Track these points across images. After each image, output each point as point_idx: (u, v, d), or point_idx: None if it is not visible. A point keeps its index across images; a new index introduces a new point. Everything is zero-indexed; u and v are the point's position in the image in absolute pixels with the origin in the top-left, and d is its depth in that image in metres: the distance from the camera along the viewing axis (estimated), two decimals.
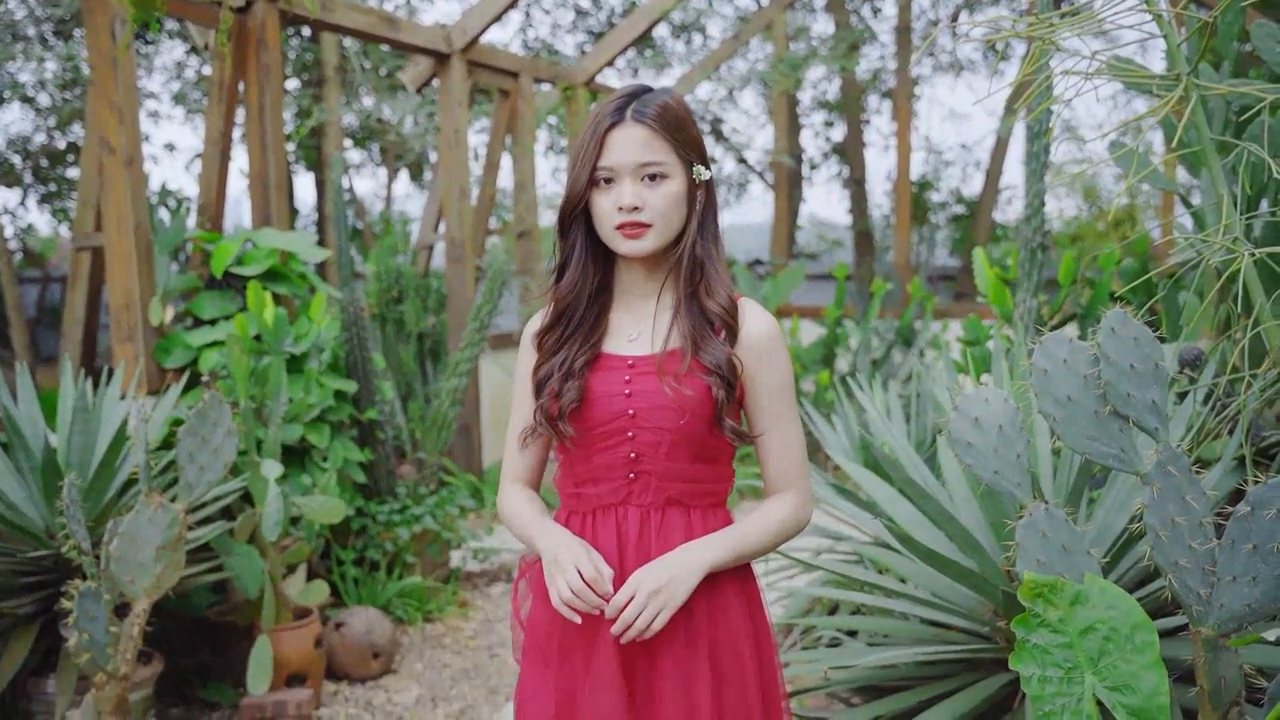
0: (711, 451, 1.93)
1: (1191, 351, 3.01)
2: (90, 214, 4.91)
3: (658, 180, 1.87)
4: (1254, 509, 1.87)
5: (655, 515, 1.92)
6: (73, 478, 2.91)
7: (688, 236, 1.92)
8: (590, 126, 1.88)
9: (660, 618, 1.79)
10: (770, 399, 1.94)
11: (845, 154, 13.73)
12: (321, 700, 4.17)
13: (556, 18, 17.92)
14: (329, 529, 4.87)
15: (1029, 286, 3.70)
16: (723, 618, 1.92)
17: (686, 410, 1.86)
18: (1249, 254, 2.13)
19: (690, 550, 1.86)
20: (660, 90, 1.92)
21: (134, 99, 4.50)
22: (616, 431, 1.91)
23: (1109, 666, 1.81)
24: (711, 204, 1.97)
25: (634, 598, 1.79)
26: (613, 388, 1.92)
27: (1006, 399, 2.08)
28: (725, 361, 1.87)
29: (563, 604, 1.81)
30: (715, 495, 1.98)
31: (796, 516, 1.98)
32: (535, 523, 1.97)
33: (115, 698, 3.03)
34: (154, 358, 4.51)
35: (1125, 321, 1.95)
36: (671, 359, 1.89)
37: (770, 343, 1.92)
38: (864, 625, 3.15)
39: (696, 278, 1.92)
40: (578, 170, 1.88)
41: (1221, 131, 3.32)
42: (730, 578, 1.94)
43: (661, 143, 1.86)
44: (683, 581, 1.82)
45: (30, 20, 11.72)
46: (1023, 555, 2.04)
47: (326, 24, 5.81)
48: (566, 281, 1.96)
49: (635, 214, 1.85)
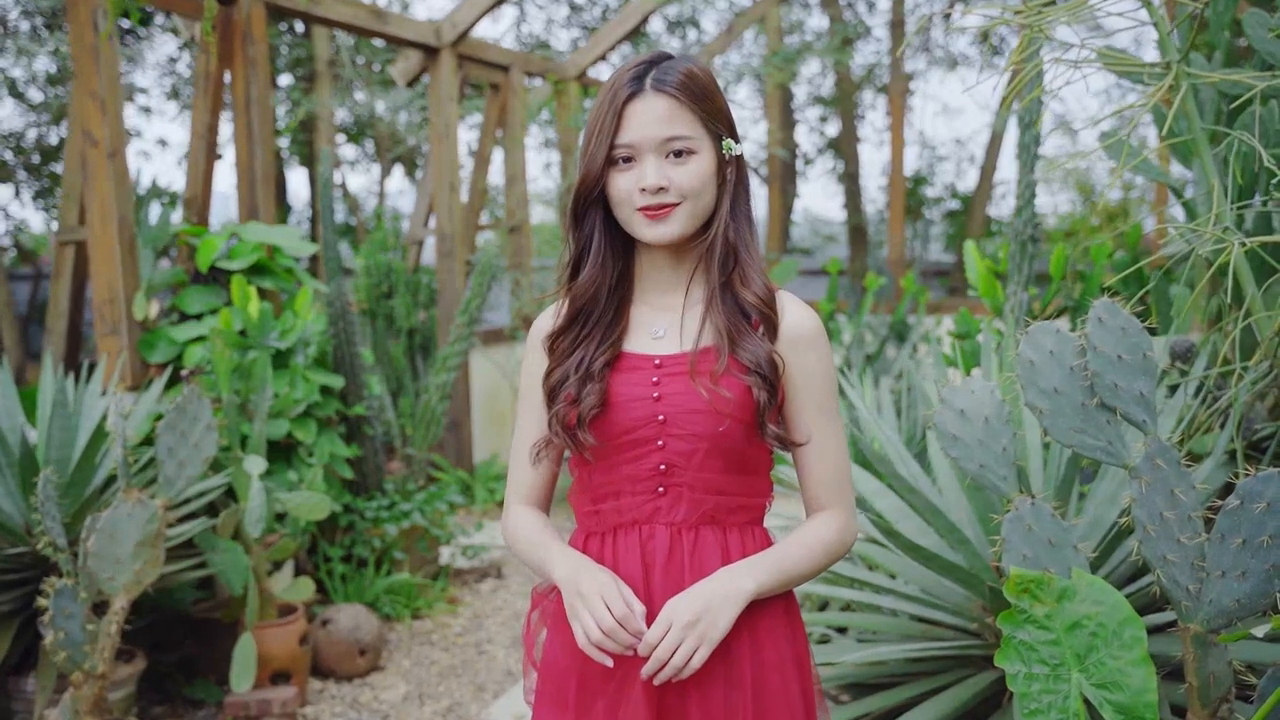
0: (749, 461, 1.72)
1: (1183, 344, 2.98)
2: (74, 207, 4.86)
3: (684, 157, 1.65)
4: (1243, 502, 1.84)
5: (687, 535, 1.70)
6: (48, 473, 2.86)
7: (719, 219, 1.70)
8: (605, 98, 1.66)
9: (699, 654, 1.57)
10: (813, 402, 1.72)
11: (839, 149, 13.68)
12: (307, 698, 4.13)
13: (550, 13, 17.89)
14: (316, 525, 4.83)
15: (1019, 280, 3.66)
16: (767, 650, 1.71)
17: (725, 414, 1.65)
18: (1239, 244, 2.09)
19: (729, 576, 1.64)
20: (682, 56, 1.70)
21: (117, 90, 4.45)
22: (645, 440, 1.69)
23: (1096, 663, 1.78)
24: (743, 182, 1.76)
25: (668, 632, 1.57)
26: (639, 390, 1.70)
27: (992, 391, 2.05)
28: (766, 359, 1.66)
29: (591, 645, 1.59)
30: (752, 511, 1.76)
31: (843, 539, 1.75)
32: (549, 548, 1.74)
33: (93, 696, 2.99)
34: (138, 352, 4.46)
35: (1113, 311, 1.91)
36: (706, 357, 1.68)
37: (814, 338, 1.72)
38: (852, 622, 3.12)
39: (730, 265, 1.71)
40: (593, 148, 1.67)
41: (1215, 122, 3.28)
42: (774, 603, 1.72)
43: (687, 114, 1.65)
44: (722, 612, 1.59)
45: (22, 15, 11.66)
46: (1008, 550, 2.01)
47: (313, 16, 5.76)
48: (585, 277, 1.74)
49: (660, 195, 1.64)
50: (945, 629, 2.93)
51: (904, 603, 2.91)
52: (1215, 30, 3.39)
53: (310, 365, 4.69)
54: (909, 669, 3.04)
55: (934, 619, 2.92)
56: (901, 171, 10.25)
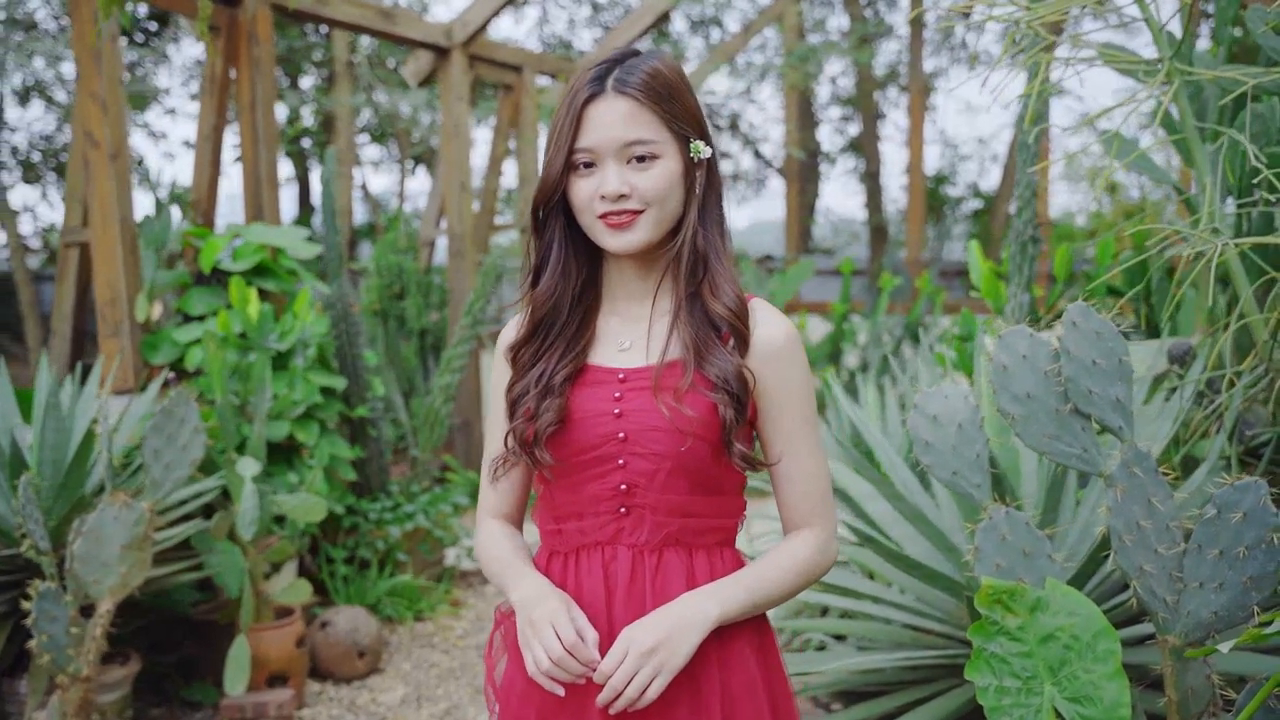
0: (717, 481, 1.64)
1: (1180, 347, 2.91)
2: (78, 209, 4.87)
3: (647, 161, 1.58)
4: (1220, 512, 1.79)
5: (650, 557, 1.63)
6: (28, 476, 2.86)
7: (686, 226, 1.63)
8: (566, 99, 1.60)
9: (656, 683, 1.49)
10: (788, 418, 1.64)
11: (860, 148, 13.61)
12: (304, 700, 4.12)
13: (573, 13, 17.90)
14: (319, 527, 4.82)
15: (1021, 280, 3.60)
16: (736, 677, 1.63)
17: (688, 433, 1.57)
18: (1223, 244, 2.03)
19: (692, 601, 1.57)
20: (649, 54, 1.62)
21: (118, 92, 4.45)
22: (606, 458, 1.62)
23: (1069, 676, 1.73)
24: (714, 186, 1.68)
25: (625, 660, 1.50)
26: (600, 406, 1.63)
27: (966, 396, 2.00)
28: (734, 374, 1.58)
29: (540, 674, 1.53)
30: (721, 532, 1.68)
31: (820, 560, 1.67)
32: (510, 568, 1.68)
33: (78, 699, 2.99)
34: (141, 354, 4.47)
35: (1087, 315, 1.86)
36: (671, 372, 1.61)
37: (787, 350, 1.64)
38: (841, 629, 3.08)
39: (699, 274, 1.63)
40: (552, 153, 1.60)
41: (1217, 119, 3.21)
42: (744, 628, 1.65)
43: (649, 116, 1.58)
44: (683, 639, 1.52)
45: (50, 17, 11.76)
46: (982, 559, 1.96)
47: (320, 17, 5.76)
48: (544, 286, 1.67)
49: (622, 202, 1.57)
50: (936, 636, 2.88)
51: (890, 610, 2.86)
52: (1219, 26, 3.32)
53: (312, 367, 4.68)
54: (903, 676, 2.99)
55: (925, 627, 2.87)
56: (921, 171, 10.17)
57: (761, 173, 18.32)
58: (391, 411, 6.03)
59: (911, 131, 10.09)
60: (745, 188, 18.72)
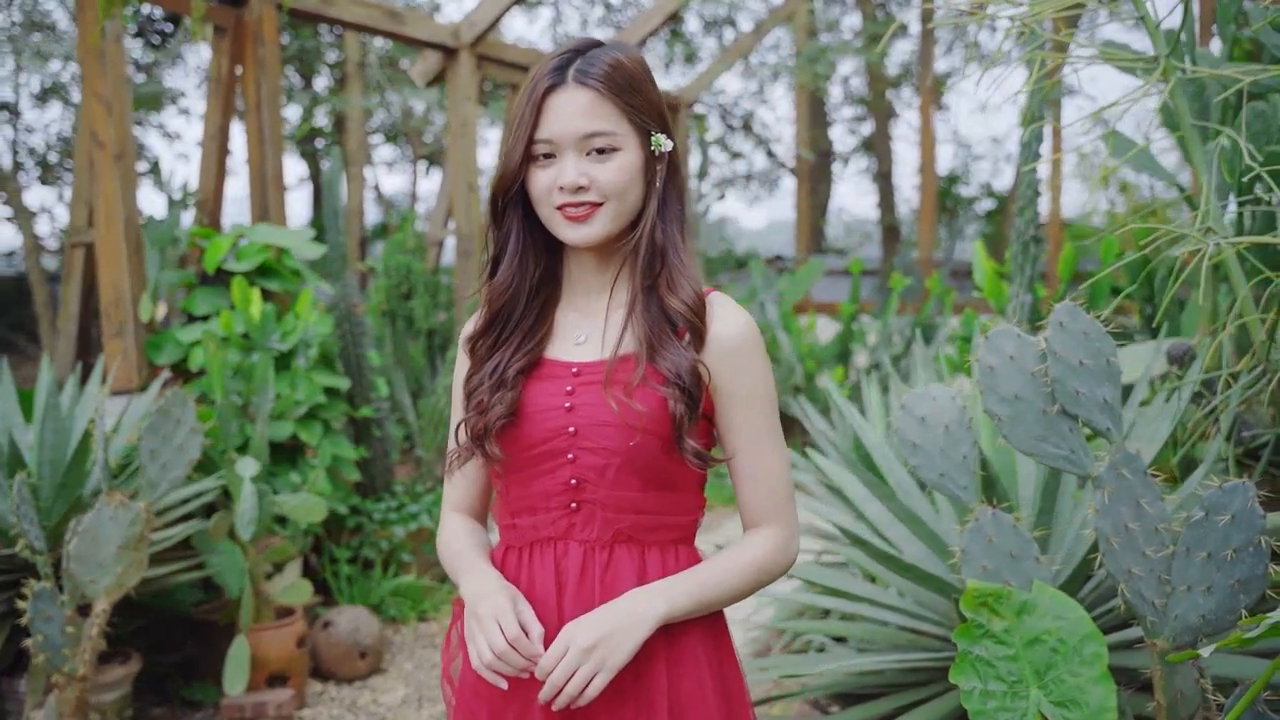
0: (670, 478, 1.62)
1: (1179, 347, 2.89)
2: (84, 209, 4.90)
3: (606, 154, 1.56)
4: (1208, 514, 1.76)
5: (601, 553, 1.61)
6: (23, 476, 2.87)
7: (645, 219, 1.61)
8: (526, 90, 1.58)
9: (597, 680, 1.48)
10: (745, 414, 1.62)
11: (872, 148, 13.57)
12: (305, 700, 4.12)
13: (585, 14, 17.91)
14: (322, 527, 4.82)
15: (1023, 280, 3.58)
16: (686, 679, 1.62)
17: (637, 428, 1.55)
18: (1214, 244, 2.01)
19: (638, 598, 1.55)
20: (611, 45, 1.61)
21: (123, 93, 4.46)
22: (556, 453, 1.61)
23: (1055, 680, 1.72)
24: (676, 180, 1.66)
25: (565, 656, 1.49)
26: (552, 400, 1.62)
27: (954, 397, 1.98)
28: (688, 370, 1.56)
29: (484, 667, 1.52)
30: (677, 530, 1.66)
31: (777, 558, 1.65)
32: (464, 561, 1.68)
33: (74, 699, 2.99)
34: (145, 354, 4.48)
35: (1074, 315, 1.84)
36: (623, 366, 1.59)
37: (743, 345, 1.61)
38: (839, 630, 3.06)
39: (656, 268, 1.61)
40: (511, 143, 1.59)
41: (1220, 118, 3.18)
42: (695, 627, 1.63)
43: (609, 108, 1.56)
44: (626, 636, 1.51)
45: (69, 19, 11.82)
46: (968, 562, 1.94)
47: (325, 17, 5.76)
48: (501, 278, 1.65)
49: (580, 194, 1.56)
50: (932, 639, 2.86)
51: (887, 613, 2.85)
52: (1222, 23, 3.29)
53: (315, 367, 4.69)
54: (901, 679, 2.97)
55: (921, 629, 2.85)
56: (932, 171, 10.13)
57: (775, 173, 18.31)
58: (399, 411, 6.02)
59: (922, 131, 10.05)
60: (758, 188, 18.72)
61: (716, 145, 16.49)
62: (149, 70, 12.90)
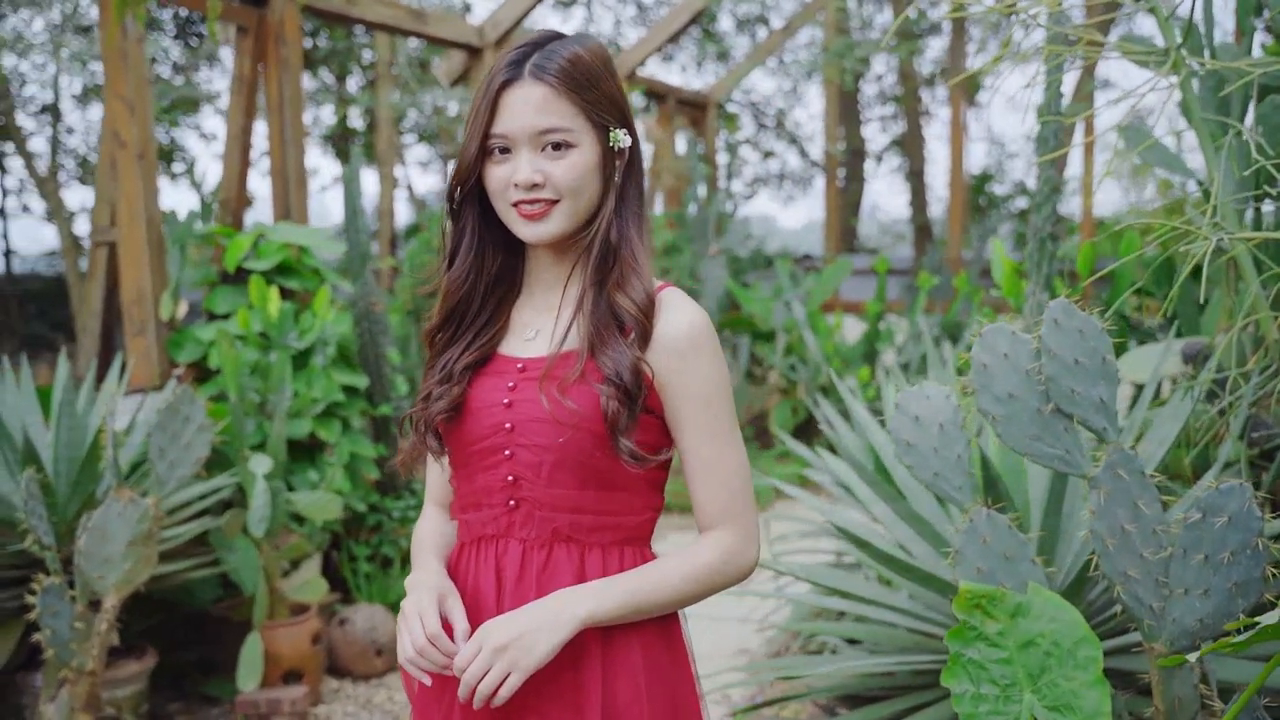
0: (610, 477, 1.58)
1: (1194, 346, 2.83)
2: (107, 209, 4.95)
3: (562, 149, 1.54)
4: (1205, 515, 1.73)
5: (539, 553, 1.59)
6: (31, 473, 2.89)
7: (602, 216, 1.59)
8: (483, 84, 1.56)
9: (510, 681, 1.45)
10: (694, 411, 1.57)
11: (904, 147, 13.47)
12: (320, 697, 4.14)
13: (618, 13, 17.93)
14: (341, 524, 4.84)
15: (1039, 278, 3.53)
16: (622, 684, 1.57)
17: (568, 425, 1.53)
18: (1217, 240, 1.96)
19: (560, 599, 1.52)
20: (574, 38, 1.58)
21: (145, 93, 4.50)
22: (493, 449, 1.60)
23: (1049, 684, 1.69)
24: (634, 177, 1.63)
25: (478, 655, 1.47)
26: (493, 396, 1.61)
27: (948, 396, 1.95)
28: (629, 367, 1.52)
29: (406, 662, 1.53)
30: (622, 530, 1.61)
31: (729, 564, 1.58)
32: (418, 556, 1.69)
33: (85, 693, 3.01)
34: (166, 352, 4.52)
35: (1070, 313, 1.81)
36: (564, 363, 1.56)
37: (691, 342, 1.56)
38: (848, 632, 3.03)
39: (608, 266, 1.58)
40: (467, 138, 1.57)
41: (1241, 112, 3.12)
42: (638, 632, 1.58)
43: (564, 104, 1.53)
44: (540, 638, 1.47)
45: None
46: (962, 563, 1.91)
47: (348, 17, 5.79)
48: (456, 271, 1.63)
49: (535, 191, 1.53)
50: (939, 641, 2.83)
51: (890, 614, 2.81)
52: (1241, 16, 3.23)
53: (333, 365, 4.70)
54: (908, 680, 2.94)
55: (928, 631, 2.82)
56: (961, 169, 10.04)
57: (809, 172, 18.23)
58: None
59: (953, 129, 9.96)
60: (792, 187, 18.65)
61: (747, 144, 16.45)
62: (187, 73, 13.04)
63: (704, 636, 4.72)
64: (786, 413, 7.90)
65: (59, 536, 3.44)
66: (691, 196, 8.41)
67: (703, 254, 8.21)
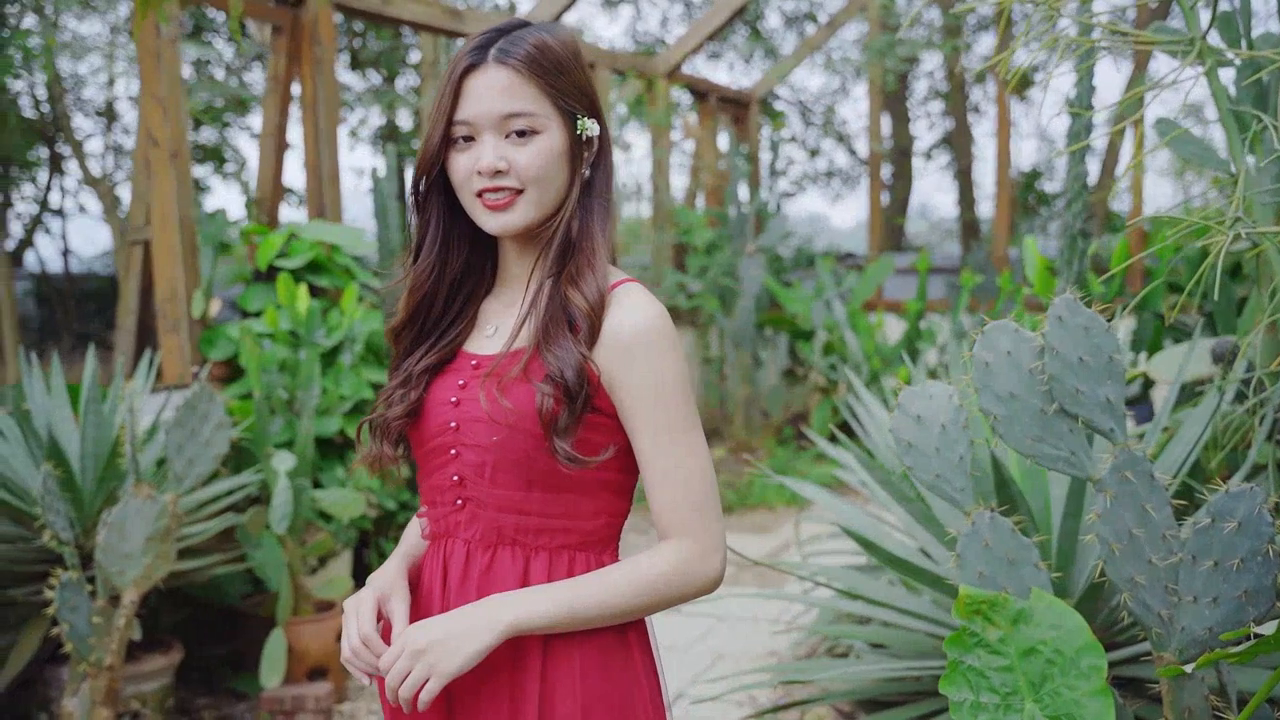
0: (557, 479, 1.51)
1: (1224, 345, 2.75)
2: (142, 208, 5.00)
3: (527, 137, 1.49)
4: (1214, 520, 1.66)
5: (482, 555, 1.54)
6: (48, 468, 2.92)
7: (565, 208, 1.53)
8: (447, 71, 1.51)
9: (429, 685, 1.40)
10: (645, 411, 1.49)
11: (952, 143, 13.30)
12: (346, 694, 4.15)
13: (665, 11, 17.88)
14: (371, 521, 4.86)
15: (1070, 275, 3.46)
16: (560, 697, 1.51)
17: (503, 424, 1.47)
18: (1233, 235, 1.89)
19: (489, 604, 1.46)
20: (540, 25, 1.53)
21: (179, 93, 4.54)
22: (441, 448, 1.56)
23: (1051, 693, 1.63)
24: (603, 167, 1.58)
25: (399, 658, 1.43)
26: (444, 394, 1.57)
27: (950, 395, 1.89)
28: (571, 365, 1.46)
29: (345, 662, 1.53)
30: (574, 535, 1.54)
31: (685, 574, 1.50)
32: (393, 554, 1.69)
33: (104, 688, 3.03)
34: (199, 349, 4.56)
35: (1074, 310, 1.74)
36: (512, 361, 1.51)
37: (641, 339, 1.49)
38: (869, 636, 2.98)
39: (565, 260, 1.53)
40: (431, 126, 1.52)
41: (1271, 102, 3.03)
42: (585, 642, 1.51)
43: (530, 89, 1.48)
44: (461, 644, 1.42)
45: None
46: (963, 567, 1.86)
47: (384, 16, 5.81)
48: (419, 268, 1.59)
49: (499, 178, 1.48)
50: None
51: (905, 617, 2.76)
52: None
53: (362, 362, 4.72)
54: (927, 686, 2.88)
55: (941, 634, 2.76)
56: (1007, 166, 9.87)
57: (856, 170, 18.08)
58: None
59: (999, 126, 9.80)
60: (840, 185, 18.51)
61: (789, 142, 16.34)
62: (238, 73, 13.19)
63: (735, 637, 4.68)
64: (826, 412, 7.83)
65: (85, 532, 3.48)
66: (732, 195, 8.36)
67: (742, 252, 8.16)
